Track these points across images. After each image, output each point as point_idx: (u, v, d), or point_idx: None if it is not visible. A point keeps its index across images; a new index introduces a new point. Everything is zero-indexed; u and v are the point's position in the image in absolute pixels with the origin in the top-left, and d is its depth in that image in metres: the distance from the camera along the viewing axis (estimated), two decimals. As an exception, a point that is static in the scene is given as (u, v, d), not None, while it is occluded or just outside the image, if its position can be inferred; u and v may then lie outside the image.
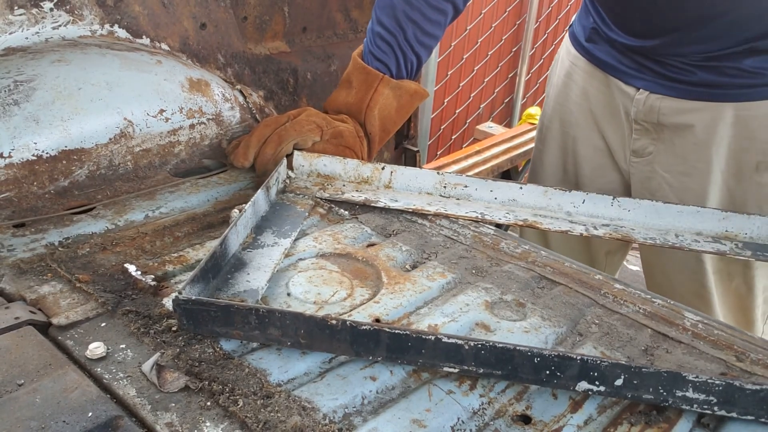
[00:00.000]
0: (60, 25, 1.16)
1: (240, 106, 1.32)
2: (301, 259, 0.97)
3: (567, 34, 1.55)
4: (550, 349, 0.80)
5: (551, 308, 0.90)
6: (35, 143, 1.03)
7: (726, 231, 1.11)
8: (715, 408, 0.72)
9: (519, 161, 2.91)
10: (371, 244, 1.03)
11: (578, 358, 0.71)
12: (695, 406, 0.72)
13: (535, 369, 0.72)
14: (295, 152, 1.18)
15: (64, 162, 1.05)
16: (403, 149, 1.94)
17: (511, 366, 0.73)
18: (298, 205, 1.10)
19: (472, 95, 4.01)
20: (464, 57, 3.80)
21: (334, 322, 0.73)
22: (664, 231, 1.12)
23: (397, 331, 0.73)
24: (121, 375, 0.70)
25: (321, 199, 1.13)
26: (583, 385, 0.72)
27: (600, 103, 1.44)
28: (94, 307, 0.80)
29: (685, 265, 1.40)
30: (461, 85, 3.88)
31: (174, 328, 0.78)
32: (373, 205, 1.13)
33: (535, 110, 3.04)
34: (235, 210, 1.04)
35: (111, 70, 1.14)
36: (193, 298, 0.75)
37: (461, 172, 2.21)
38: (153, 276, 0.87)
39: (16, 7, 1.10)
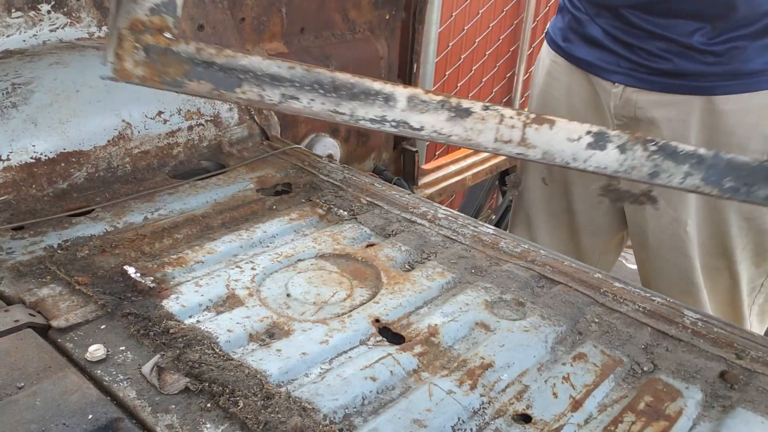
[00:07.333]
0: (57, 28, 1.16)
1: (238, 107, 1.31)
2: (300, 260, 0.97)
3: (545, 40, 1.57)
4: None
5: (551, 307, 0.90)
6: (33, 146, 1.02)
7: None
8: None
9: (518, 161, 2.91)
10: (370, 245, 1.03)
11: None
12: None
13: None
14: None
15: (63, 164, 1.05)
16: (402, 149, 1.94)
17: None
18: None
19: (470, 95, 4.01)
20: (462, 57, 3.80)
21: None
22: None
23: None
24: (121, 377, 0.70)
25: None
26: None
27: (584, 100, 1.45)
28: (93, 310, 0.80)
29: (675, 263, 1.41)
30: (459, 85, 3.88)
31: (173, 330, 0.78)
32: None
33: (533, 110, 3.04)
34: None
35: (109, 72, 1.13)
36: None
37: (459, 172, 2.20)
38: (152, 278, 0.87)
39: (13, 10, 1.10)
